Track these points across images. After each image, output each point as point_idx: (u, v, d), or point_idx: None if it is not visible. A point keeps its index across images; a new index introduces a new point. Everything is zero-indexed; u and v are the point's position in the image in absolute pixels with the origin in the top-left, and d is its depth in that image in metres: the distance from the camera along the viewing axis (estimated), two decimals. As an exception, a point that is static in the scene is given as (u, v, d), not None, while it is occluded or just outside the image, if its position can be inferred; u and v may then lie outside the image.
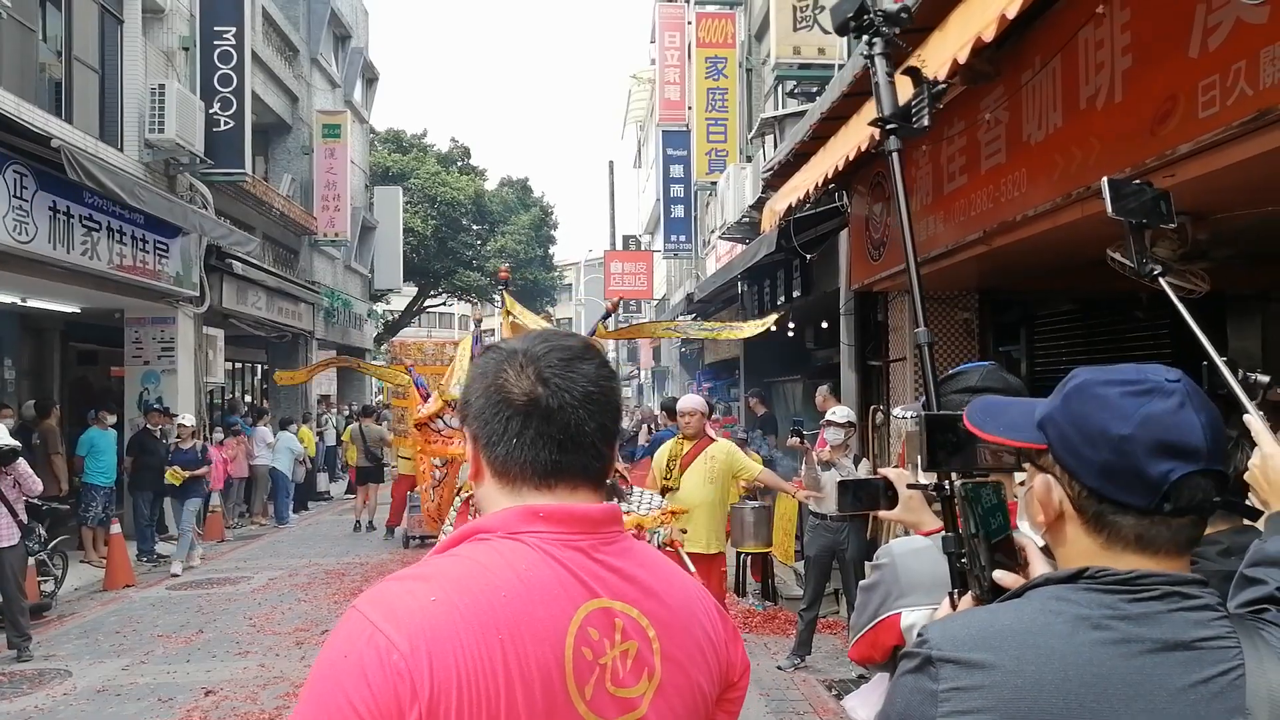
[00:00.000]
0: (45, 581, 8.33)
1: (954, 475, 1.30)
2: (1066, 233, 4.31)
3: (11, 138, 8.32)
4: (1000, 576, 1.17)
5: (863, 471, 6.36)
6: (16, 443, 7.01)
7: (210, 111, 12.79)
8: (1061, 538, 1.11)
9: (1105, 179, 1.59)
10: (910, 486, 1.69)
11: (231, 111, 13.12)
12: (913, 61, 2.84)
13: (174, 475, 10.50)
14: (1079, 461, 1.06)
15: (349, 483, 16.26)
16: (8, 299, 10.36)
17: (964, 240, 5.36)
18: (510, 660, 0.99)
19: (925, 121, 1.51)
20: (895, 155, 1.52)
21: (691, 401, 6.42)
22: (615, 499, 3.64)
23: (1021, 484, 1.23)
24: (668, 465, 6.03)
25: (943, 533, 1.29)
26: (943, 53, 3.52)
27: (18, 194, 8.44)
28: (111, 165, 9.82)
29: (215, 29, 13.04)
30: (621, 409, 1.22)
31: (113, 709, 5.70)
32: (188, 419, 11.08)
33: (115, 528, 9.80)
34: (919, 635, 1.08)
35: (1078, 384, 1.10)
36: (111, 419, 10.96)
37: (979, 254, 5.32)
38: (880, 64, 1.54)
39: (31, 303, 10.90)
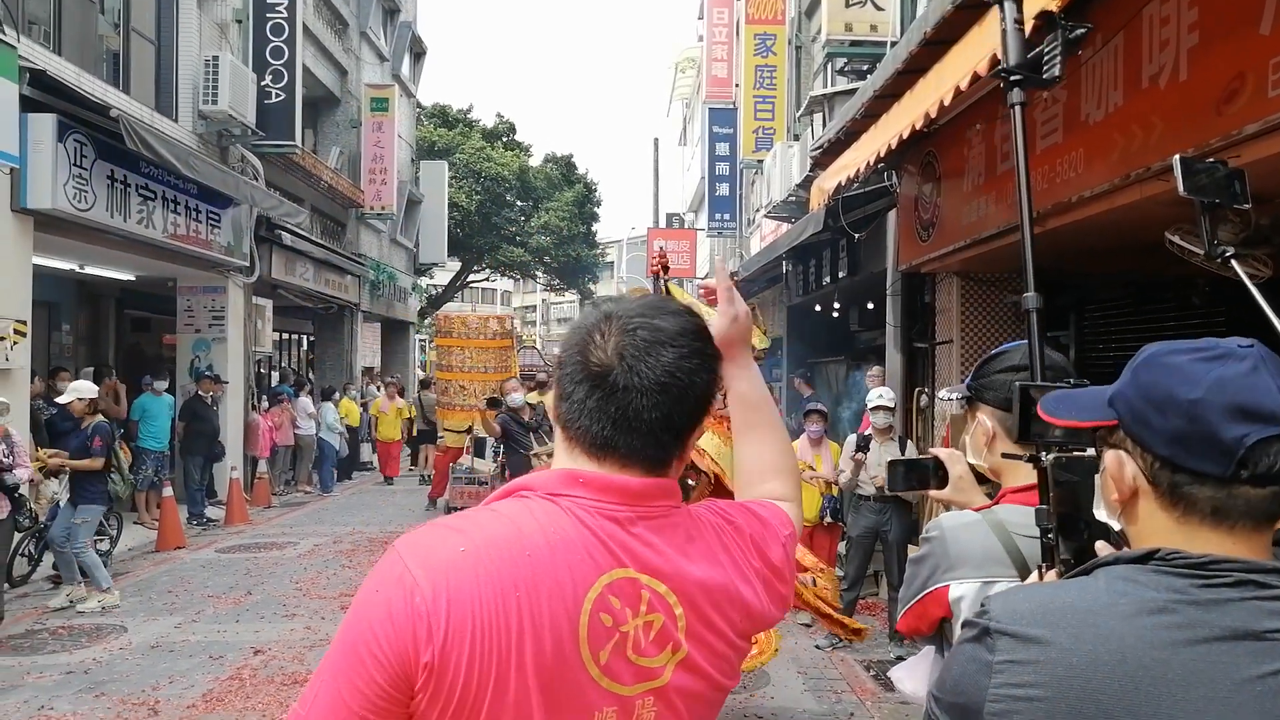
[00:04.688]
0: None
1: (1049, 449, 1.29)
2: (1123, 214, 4.24)
3: (72, 107, 8.50)
4: (1101, 547, 1.16)
5: (911, 452, 6.34)
6: (4, 401, 6.61)
7: (262, 84, 12.94)
8: (1135, 515, 1.09)
9: (1177, 156, 1.55)
10: (1005, 456, 1.68)
11: (283, 84, 13.26)
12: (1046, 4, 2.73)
13: (42, 459, 7.44)
14: (1149, 431, 1.04)
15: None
16: (67, 266, 10.62)
17: (1016, 221, 5.29)
18: (524, 617, 1.02)
19: (1057, 71, 1.40)
20: (1018, 109, 1.44)
21: None
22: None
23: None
24: None
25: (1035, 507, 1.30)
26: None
27: (78, 162, 8.63)
28: (167, 135, 9.98)
29: (268, 1, 13.17)
30: (708, 402, 1.17)
31: (166, 664, 5.88)
32: (80, 390, 7.71)
33: (167, 490, 10.06)
34: (982, 605, 1.08)
35: (1146, 356, 1.08)
36: (163, 385, 11.22)
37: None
38: (1009, 9, 1.44)
39: (89, 270, 11.16)
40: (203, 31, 11.88)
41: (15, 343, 8.03)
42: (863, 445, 6.37)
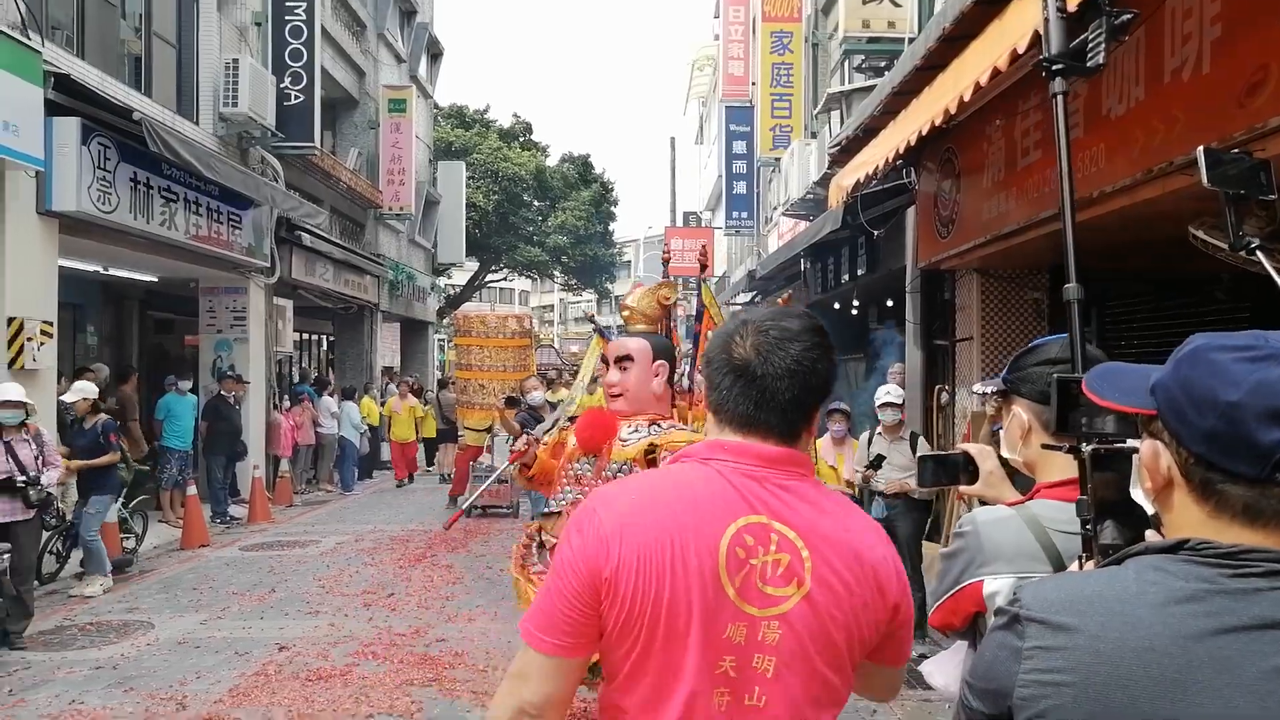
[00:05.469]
0: (127, 539, 8.69)
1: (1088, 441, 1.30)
2: (1144, 209, 4.22)
3: (95, 110, 8.60)
4: (1152, 535, 1.17)
5: (924, 450, 6.31)
6: (28, 401, 6.46)
7: (281, 86, 13.04)
8: (1168, 504, 1.09)
9: (1201, 148, 1.55)
10: (1045, 448, 1.68)
11: (301, 86, 13.35)
12: None
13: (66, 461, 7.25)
14: (1186, 428, 1.04)
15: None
16: (91, 268, 10.73)
17: (1037, 217, 5.27)
18: (675, 550, 1.33)
19: (1101, 59, 1.39)
20: (1060, 99, 1.45)
21: None
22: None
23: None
24: None
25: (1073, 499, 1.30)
26: None
27: (101, 165, 8.73)
28: (188, 138, 10.09)
29: (287, 4, 13.26)
30: (828, 384, 1.43)
31: (193, 660, 5.95)
32: (84, 390, 7.89)
33: (191, 489, 10.17)
34: (1014, 594, 1.09)
35: (1192, 349, 1.06)
36: (187, 385, 11.34)
37: (1052, 231, 5.22)
38: None
39: (113, 271, 11.27)
40: (223, 34, 11.99)
41: (42, 344, 8.14)
42: (874, 464, 6.35)
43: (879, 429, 6.59)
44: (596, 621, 1.36)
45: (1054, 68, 1.42)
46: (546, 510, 3.86)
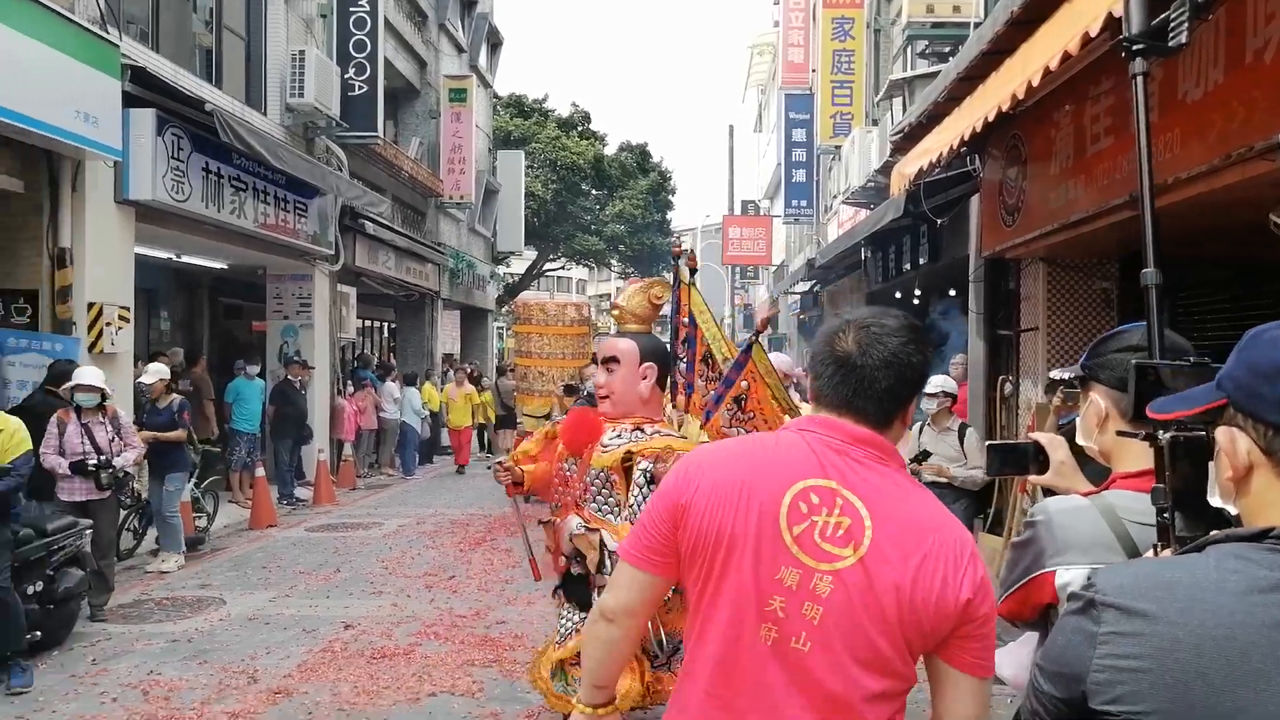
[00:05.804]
0: (199, 518, 8.97)
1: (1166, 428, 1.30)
2: (1222, 196, 4.11)
3: (169, 102, 8.85)
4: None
5: (972, 441, 6.15)
6: (105, 388, 6.57)
7: (345, 76, 13.25)
8: (1249, 489, 1.08)
9: (1286, 132, 1.51)
10: (1120, 434, 1.65)
11: (365, 76, 13.56)
12: None
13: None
14: (1261, 402, 1.04)
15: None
16: (164, 255, 11.07)
17: (1106, 205, 5.16)
18: (744, 492, 1.51)
19: (1184, 39, 1.38)
20: (1140, 80, 1.44)
21: (776, 361, 6.14)
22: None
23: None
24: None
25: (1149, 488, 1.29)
26: None
27: (175, 155, 8.98)
28: (257, 128, 10.32)
29: (351, -4, 13.48)
30: (922, 377, 1.58)
31: (263, 635, 6.14)
32: (160, 371, 8.20)
33: (259, 471, 10.46)
34: (1088, 578, 1.09)
35: (1249, 337, 1.09)
36: (255, 369, 11.64)
37: (1121, 219, 5.11)
38: None
39: (185, 259, 11.61)
40: (289, 26, 12.23)
41: (120, 328, 8.43)
42: (918, 459, 6.23)
43: (928, 420, 6.49)
44: (674, 544, 1.57)
45: (1134, 48, 1.40)
46: (543, 521, 3.80)
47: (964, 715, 1.49)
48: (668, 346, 4.03)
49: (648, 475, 3.26)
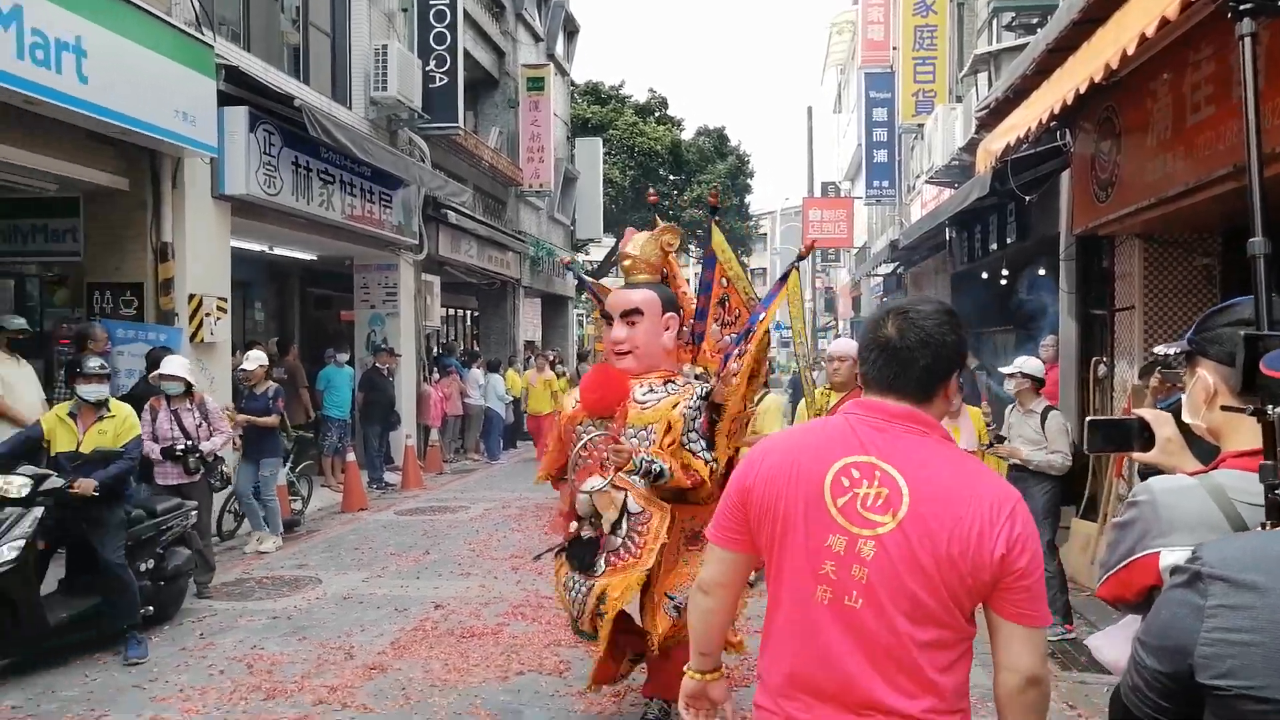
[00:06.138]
0: (294, 501, 9.30)
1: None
2: (1335, 164, 3.91)
3: (260, 99, 9.14)
4: None
5: (1053, 425, 5.92)
6: (187, 378, 6.69)
7: (426, 69, 13.49)
8: None
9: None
10: (1225, 409, 1.57)
11: (445, 68, 13.78)
12: None
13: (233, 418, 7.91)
14: None
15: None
16: (258, 247, 11.45)
17: (1208, 177, 4.96)
18: (794, 471, 1.73)
19: None
20: (1248, 41, 1.40)
21: (842, 346, 5.84)
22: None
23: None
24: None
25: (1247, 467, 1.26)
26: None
27: (267, 150, 9.29)
28: (343, 122, 10.59)
29: (430, -11, 13.70)
30: (957, 354, 1.73)
31: (357, 614, 6.35)
32: (260, 358, 8.46)
33: (350, 456, 10.78)
34: (1194, 552, 1.07)
35: None
36: (345, 358, 11.98)
37: (1224, 192, 4.90)
38: None
39: (277, 251, 12.00)
40: (372, 22, 12.49)
41: (219, 318, 8.77)
42: (990, 445, 6.07)
43: (1016, 402, 6.31)
44: (746, 523, 1.79)
45: (1242, 8, 1.37)
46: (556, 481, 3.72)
47: (1016, 663, 1.64)
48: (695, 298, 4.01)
49: (701, 396, 3.30)
